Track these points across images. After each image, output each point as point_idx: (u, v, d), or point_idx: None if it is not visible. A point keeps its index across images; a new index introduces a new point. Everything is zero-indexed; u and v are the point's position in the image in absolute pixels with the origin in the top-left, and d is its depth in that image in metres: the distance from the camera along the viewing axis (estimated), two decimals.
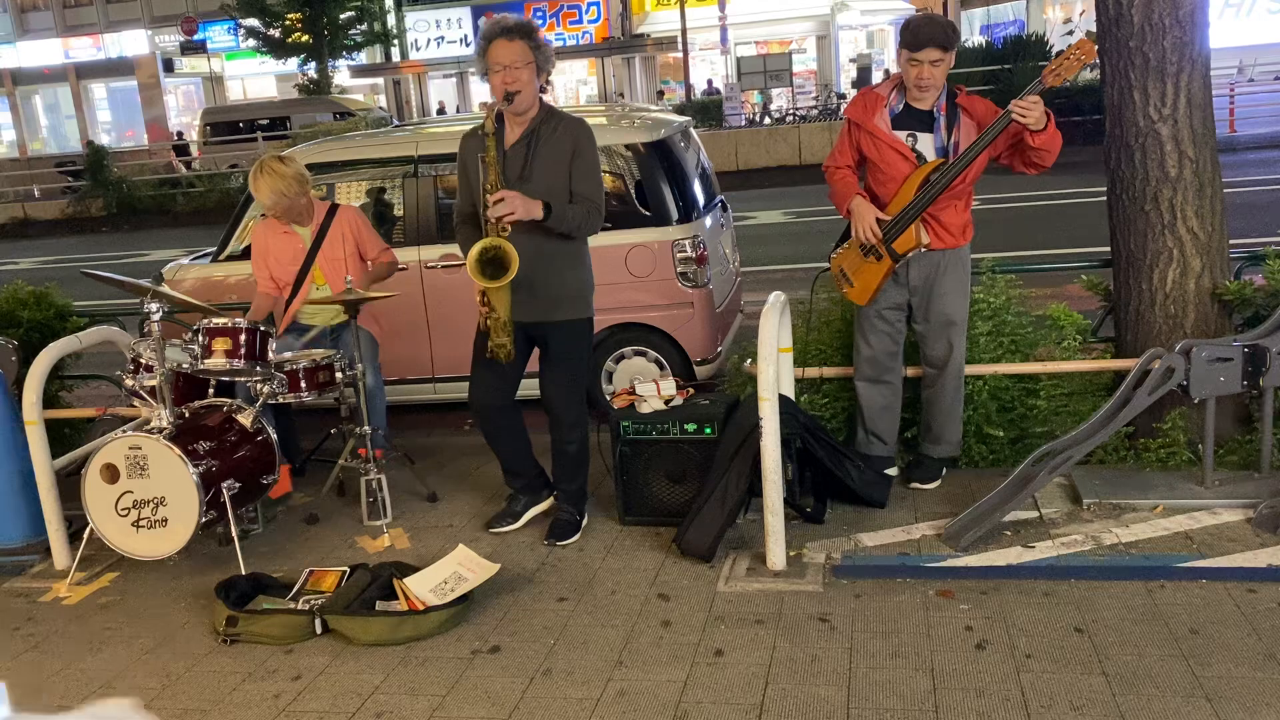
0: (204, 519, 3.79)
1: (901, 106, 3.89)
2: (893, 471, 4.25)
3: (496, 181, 3.64)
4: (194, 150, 25.46)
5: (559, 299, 3.85)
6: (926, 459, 4.21)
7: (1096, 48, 4.19)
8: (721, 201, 6.25)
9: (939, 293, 3.97)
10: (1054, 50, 18.27)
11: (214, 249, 5.97)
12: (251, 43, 29.49)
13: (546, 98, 3.92)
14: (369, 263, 4.79)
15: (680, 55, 26.09)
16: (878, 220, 3.85)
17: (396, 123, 22.71)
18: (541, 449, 4.14)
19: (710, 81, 28.53)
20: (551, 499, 4.15)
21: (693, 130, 6.35)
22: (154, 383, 3.97)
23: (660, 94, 29.14)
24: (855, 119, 3.96)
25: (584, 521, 4.10)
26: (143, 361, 4.11)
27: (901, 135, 3.87)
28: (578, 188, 3.79)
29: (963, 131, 3.84)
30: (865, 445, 4.26)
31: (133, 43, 37.46)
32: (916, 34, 3.74)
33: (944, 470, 4.21)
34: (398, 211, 5.80)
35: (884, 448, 4.23)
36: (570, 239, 3.82)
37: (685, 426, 3.99)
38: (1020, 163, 3.86)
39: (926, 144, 3.86)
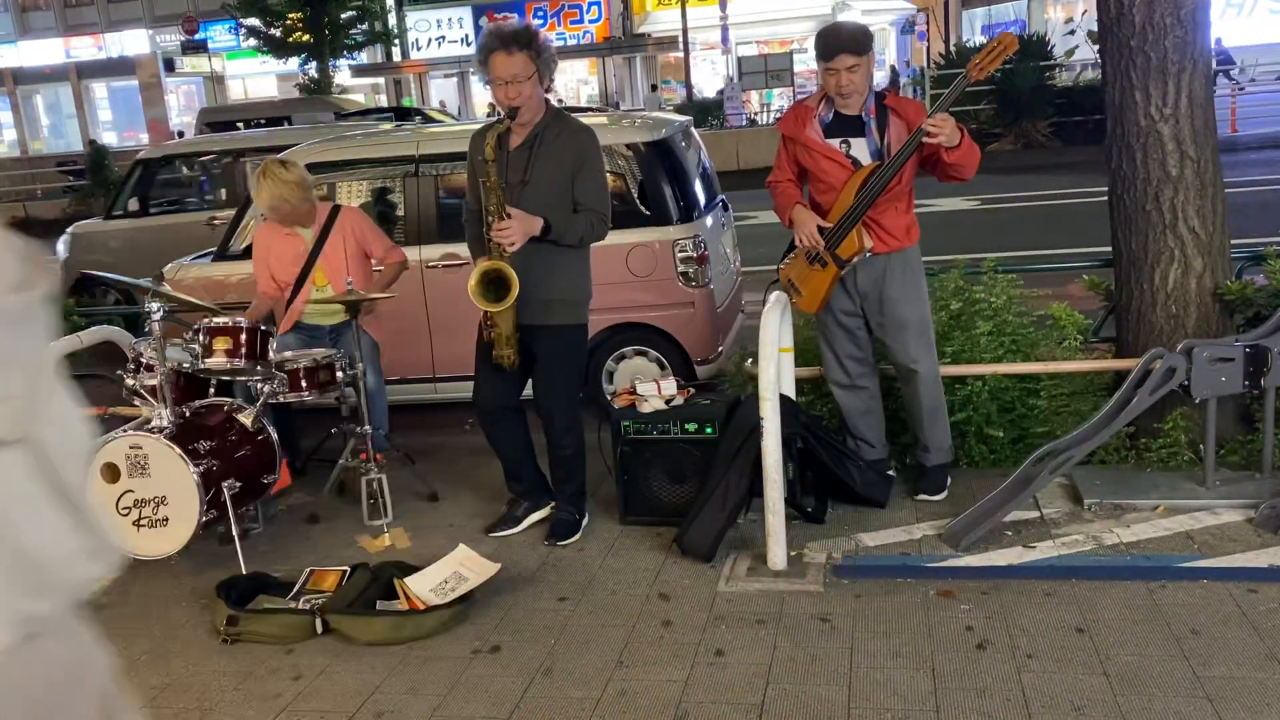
0: (205, 518, 3.80)
1: (831, 115, 3.90)
2: (890, 473, 4.24)
3: (499, 207, 3.63)
4: None
5: (550, 303, 3.83)
6: (926, 469, 4.16)
7: (1098, 46, 4.19)
8: (722, 201, 6.25)
9: (888, 296, 3.94)
10: (1054, 49, 18.29)
11: (214, 249, 5.97)
12: (252, 42, 29.47)
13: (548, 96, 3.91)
14: (377, 262, 4.79)
15: (681, 55, 26.08)
16: (820, 228, 3.84)
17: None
18: (541, 449, 4.13)
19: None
20: (551, 506, 4.14)
21: (694, 130, 6.34)
22: (154, 382, 3.98)
23: (653, 87, 29.03)
24: (788, 133, 3.96)
25: (584, 521, 4.10)
26: (143, 361, 4.11)
27: (835, 143, 3.87)
28: (582, 198, 3.77)
29: (894, 133, 3.83)
30: (855, 450, 4.24)
31: (134, 42, 37.45)
32: (827, 44, 3.78)
33: (948, 479, 4.15)
34: (399, 211, 5.80)
35: (873, 450, 4.21)
36: (567, 246, 3.80)
37: (686, 426, 3.99)
38: (940, 175, 3.84)
39: (861, 149, 3.86)
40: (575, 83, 34.01)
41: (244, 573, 3.80)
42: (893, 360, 4.05)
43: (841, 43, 3.76)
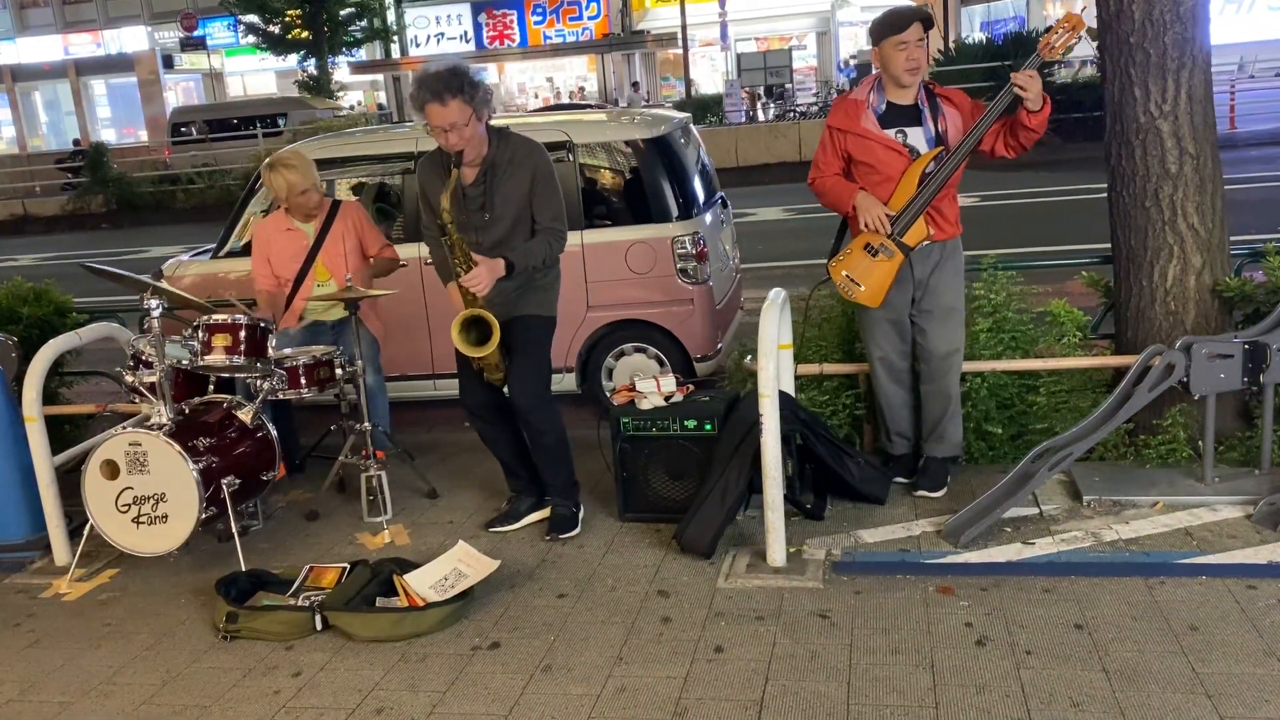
0: (204, 515, 3.80)
1: (884, 106, 3.89)
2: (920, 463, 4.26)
3: (464, 258, 3.67)
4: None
5: (521, 296, 3.86)
6: (931, 460, 4.16)
7: (1097, 43, 4.19)
8: (721, 198, 6.25)
9: (939, 283, 3.96)
10: None
11: (213, 245, 5.97)
12: (251, 39, 29.47)
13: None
14: (370, 259, 4.80)
15: (680, 52, 26.07)
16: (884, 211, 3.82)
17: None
18: None
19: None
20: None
21: (692, 127, 6.34)
22: (154, 379, 3.97)
23: (635, 85, 28.95)
24: (840, 126, 3.94)
25: (580, 513, 4.09)
26: (142, 358, 4.11)
27: (890, 133, 3.87)
28: (539, 216, 3.81)
29: (949, 121, 3.86)
30: (889, 446, 4.24)
31: (132, 39, 37.44)
32: (899, 15, 3.78)
33: (949, 476, 4.16)
34: (398, 208, 5.80)
35: (906, 444, 4.23)
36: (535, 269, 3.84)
37: (685, 423, 3.99)
38: (1003, 145, 3.85)
39: (917, 137, 3.86)
40: (574, 80, 34.00)
41: (243, 570, 3.80)
42: (930, 348, 4.02)
43: (914, 12, 3.77)
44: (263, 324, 4.17)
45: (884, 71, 3.88)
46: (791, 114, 22.12)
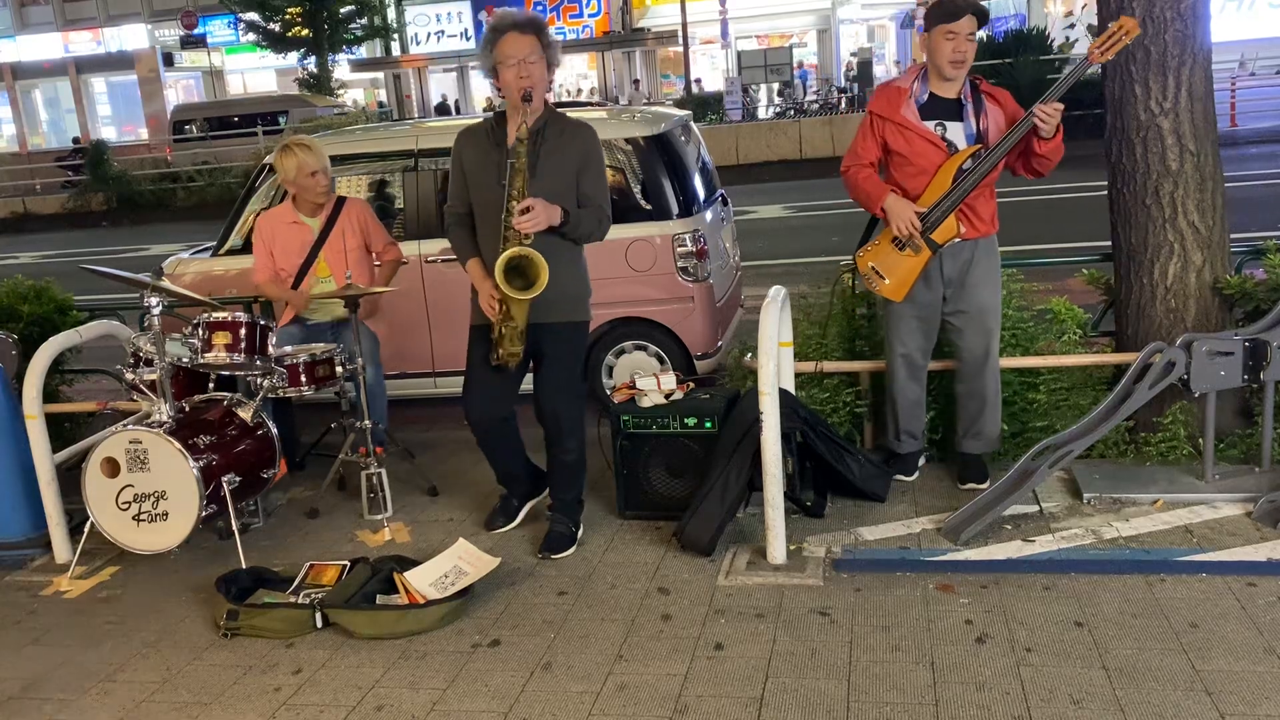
0: (204, 513, 3.80)
1: (926, 97, 3.83)
2: (920, 461, 4.26)
3: (522, 191, 3.53)
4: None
5: (555, 301, 3.72)
6: (971, 457, 4.13)
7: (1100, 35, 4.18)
8: (722, 196, 6.24)
9: (973, 282, 3.92)
10: (1054, 44, 18.24)
11: (214, 243, 5.97)
12: (251, 37, 29.48)
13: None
14: (375, 256, 4.80)
15: (681, 49, 26.06)
16: (916, 213, 3.79)
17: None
18: (535, 445, 4.07)
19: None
20: (546, 491, 4.10)
21: (693, 124, 6.34)
22: (154, 377, 3.98)
23: (635, 83, 28.90)
24: (881, 113, 3.87)
25: (579, 534, 3.99)
26: (143, 355, 4.11)
27: (930, 125, 3.82)
28: (588, 191, 3.71)
29: (990, 119, 3.80)
30: (895, 445, 4.23)
31: (132, 37, 37.43)
32: (955, 4, 3.69)
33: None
34: (398, 205, 5.80)
35: (915, 443, 4.22)
36: (571, 241, 3.75)
37: (685, 420, 3.99)
38: (1022, 166, 3.87)
39: (956, 132, 3.81)
40: (575, 77, 33.99)
41: (244, 567, 3.80)
42: (966, 347, 3.99)
43: (969, 4, 3.68)
44: (263, 321, 4.17)
45: (929, 60, 3.81)
46: (791, 112, 22.11)
